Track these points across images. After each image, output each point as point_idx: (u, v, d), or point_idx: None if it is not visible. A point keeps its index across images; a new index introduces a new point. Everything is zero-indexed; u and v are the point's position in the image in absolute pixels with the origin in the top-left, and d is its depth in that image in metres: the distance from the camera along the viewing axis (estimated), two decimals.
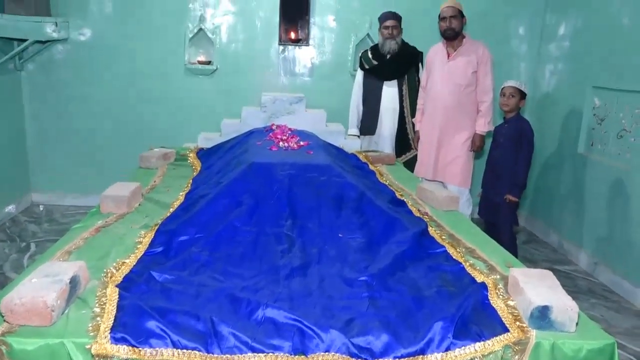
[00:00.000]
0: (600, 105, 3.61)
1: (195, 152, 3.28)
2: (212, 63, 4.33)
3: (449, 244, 2.00)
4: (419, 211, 2.36)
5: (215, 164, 2.84)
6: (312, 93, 4.22)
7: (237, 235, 1.95)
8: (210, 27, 4.29)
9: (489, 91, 3.46)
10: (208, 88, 4.39)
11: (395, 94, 3.85)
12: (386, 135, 3.90)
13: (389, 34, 3.76)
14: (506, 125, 3.31)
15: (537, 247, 4.10)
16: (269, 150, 2.69)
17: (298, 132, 3.14)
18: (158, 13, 4.22)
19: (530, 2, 4.40)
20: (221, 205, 2.10)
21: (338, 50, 4.42)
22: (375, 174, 2.98)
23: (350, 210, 2.18)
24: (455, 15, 3.38)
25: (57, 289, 1.38)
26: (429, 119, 3.60)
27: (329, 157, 2.62)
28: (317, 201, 2.19)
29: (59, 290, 1.38)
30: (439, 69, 3.52)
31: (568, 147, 3.91)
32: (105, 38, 4.24)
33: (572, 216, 3.84)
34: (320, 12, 4.35)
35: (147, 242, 1.87)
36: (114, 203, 2.22)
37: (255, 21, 4.33)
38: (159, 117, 4.39)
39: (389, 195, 2.49)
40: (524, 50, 4.50)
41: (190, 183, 2.61)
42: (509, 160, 3.24)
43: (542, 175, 4.29)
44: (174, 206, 2.24)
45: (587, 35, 3.80)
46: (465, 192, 3.58)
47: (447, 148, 3.55)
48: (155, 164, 3.03)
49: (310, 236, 1.99)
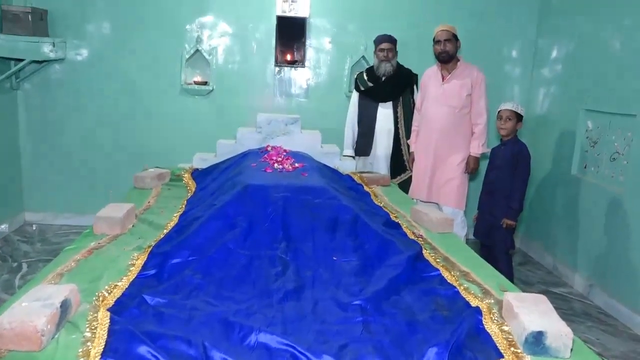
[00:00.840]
0: (592, 128, 3.65)
1: (190, 172, 3.28)
2: (209, 84, 4.36)
3: (443, 267, 2.00)
4: (413, 234, 2.36)
5: (209, 185, 2.84)
6: (308, 114, 4.25)
7: (231, 258, 1.95)
8: (207, 48, 4.33)
9: (483, 113, 3.49)
10: (204, 108, 4.41)
11: (390, 115, 3.89)
12: (381, 156, 3.92)
13: (384, 56, 3.80)
14: (503, 147, 3.33)
15: (532, 269, 4.09)
16: (264, 172, 2.70)
17: (293, 153, 3.15)
18: (155, 34, 4.27)
19: (522, 27, 4.47)
20: (215, 228, 2.10)
21: (333, 72, 4.47)
22: (370, 195, 2.99)
23: (344, 233, 2.18)
24: (449, 39, 3.43)
25: (48, 313, 1.37)
26: (424, 141, 3.63)
27: (324, 179, 2.63)
28: (311, 224, 2.19)
29: (49, 315, 1.36)
30: (434, 91, 3.56)
31: (562, 169, 3.94)
32: (102, 58, 4.27)
33: (567, 238, 3.85)
34: (317, 34, 4.41)
35: (140, 265, 1.86)
36: (108, 224, 2.21)
37: (251, 43, 4.37)
38: (154, 137, 4.40)
39: (383, 218, 2.50)
40: (517, 74, 4.56)
41: (184, 204, 2.60)
42: (505, 182, 3.26)
43: (537, 196, 4.32)
44: (167, 228, 2.24)
45: (579, 59, 3.86)
46: (459, 214, 3.59)
47: (442, 169, 3.57)
48: (149, 184, 3.02)
49: (304, 259, 1.99)
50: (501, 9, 4.43)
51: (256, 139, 3.52)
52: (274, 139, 3.53)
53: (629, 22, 3.31)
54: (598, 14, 3.63)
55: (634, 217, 3.15)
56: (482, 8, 4.41)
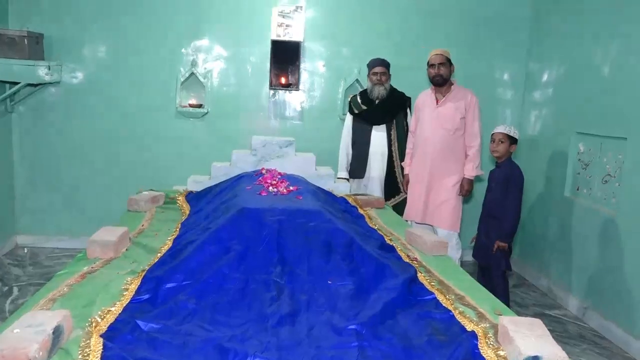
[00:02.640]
0: (584, 151, 3.70)
1: (185, 195, 3.28)
2: (203, 106, 4.39)
3: (438, 290, 2.00)
4: (408, 257, 2.37)
5: (204, 208, 2.84)
6: (302, 137, 4.28)
7: (226, 283, 1.94)
8: (202, 71, 4.37)
9: (477, 136, 3.52)
10: (199, 131, 4.43)
11: (383, 138, 3.92)
12: (375, 178, 3.94)
13: (377, 80, 3.85)
14: (497, 170, 3.36)
15: (527, 291, 4.09)
16: (259, 195, 2.70)
17: (287, 176, 3.16)
18: (151, 57, 4.31)
19: (514, 52, 4.56)
20: (209, 252, 2.09)
21: (328, 95, 4.52)
22: (365, 218, 2.99)
23: (339, 256, 2.18)
24: (443, 63, 3.48)
25: (40, 340, 1.35)
26: (419, 163, 3.66)
27: (319, 202, 2.64)
28: (306, 247, 2.19)
29: (41, 342, 1.35)
30: (428, 114, 3.60)
31: (555, 191, 3.98)
32: (98, 81, 4.30)
33: (561, 260, 3.86)
34: (311, 58, 4.47)
35: (134, 290, 1.85)
36: (101, 248, 2.20)
37: (246, 66, 4.42)
38: (148, 160, 4.40)
39: (378, 241, 2.50)
40: (509, 97, 4.63)
41: (178, 227, 2.59)
42: (499, 204, 3.28)
43: (531, 218, 4.34)
44: (161, 251, 2.23)
45: (569, 83, 3.93)
46: (454, 236, 3.60)
47: (437, 191, 3.59)
48: (143, 207, 3.02)
49: (299, 283, 1.99)
50: (493, 34, 4.51)
51: (251, 161, 3.54)
52: (268, 162, 3.54)
53: (618, 46, 3.38)
54: (588, 38, 3.70)
55: (627, 239, 3.17)
56: (475, 33, 4.50)
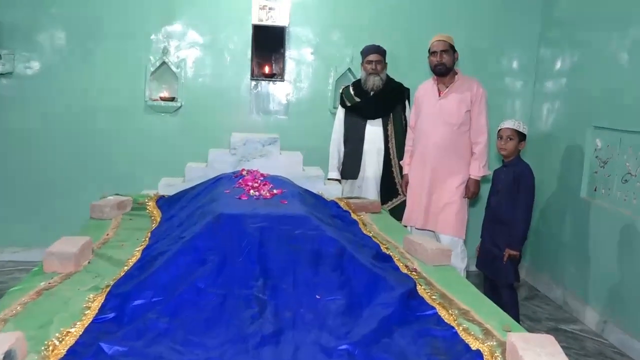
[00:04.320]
0: (602, 147, 3.74)
1: (155, 200, 3.28)
2: (176, 99, 4.39)
3: (440, 304, 2.01)
4: (406, 267, 2.38)
5: (177, 214, 2.84)
6: (288, 133, 4.29)
7: (201, 299, 1.94)
8: (174, 60, 4.37)
9: (484, 132, 3.54)
10: (171, 127, 4.43)
11: (379, 133, 3.94)
12: (370, 179, 3.96)
13: (372, 69, 3.87)
14: (504, 169, 3.38)
15: (540, 304, 4.13)
16: (238, 199, 2.70)
17: (271, 178, 3.17)
18: (116, 44, 4.30)
19: (523, 37, 4.61)
20: (183, 264, 2.09)
21: (316, 86, 4.53)
22: (358, 224, 3.01)
23: (329, 267, 2.19)
24: (446, 50, 3.49)
25: None
26: (419, 162, 3.67)
27: (306, 207, 2.65)
28: (291, 258, 2.19)
29: None
30: (430, 107, 3.61)
31: (569, 192, 4.02)
32: (56, 72, 4.28)
33: (577, 269, 3.90)
34: (297, 44, 4.48)
35: (97, 307, 1.84)
36: (60, 261, 2.19)
37: (224, 54, 4.42)
38: (114, 160, 4.39)
39: (373, 250, 2.51)
40: (518, 87, 4.68)
41: (148, 237, 2.59)
42: (507, 208, 3.29)
43: (543, 222, 4.38)
44: (128, 264, 2.23)
45: (585, 72, 3.98)
46: (459, 243, 3.62)
47: (439, 194, 3.60)
48: (108, 214, 3.01)
49: (283, 298, 1.99)
50: (500, 17, 4.56)
51: (230, 161, 3.54)
52: (249, 162, 3.55)
53: (637, 31, 3.43)
54: (604, 22, 3.75)
55: None
56: (480, 16, 4.54)
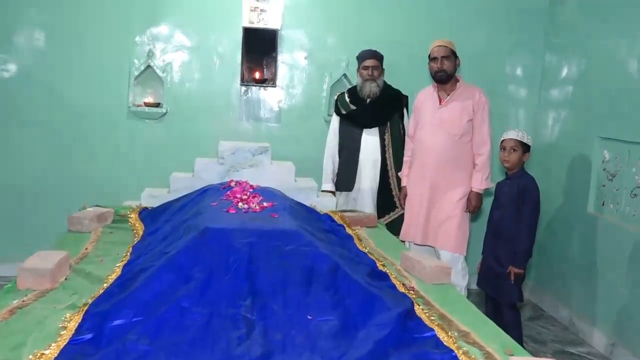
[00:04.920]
0: (610, 159, 3.77)
1: (138, 212, 3.27)
2: (162, 105, 4.39)
3: (438, 326, 2.01)
4: (403, 285, 2.38)
5: (161, 228, 2.83)
6: (280, 142, 4.30)
7: (185, 319, 1.93)
8: (160, 63, 4.37)
9: (487, 142, 3.55)
10: (155, 135, 4.43)
11: (376, 143, 3.95)
12: (366, 191, 3.97)
13: (368, 74, 3.89)
14: (508, 182, 3.40)
15: (545, 325, 4.13)
16: (226, 212, 2.71)
17: (261, 190, 3.17)
18: (98, 47, 4.30)
19: (527, 41, 4.65)
20: (166, 281, 2.09)
21: (310, 93, 4.55)
22: (353, 239, 3.01)
23: (321, 286, 2.19)
24: (447, 56, 3.50)
25: None
26: (418, 173, 3.68)
27: (297, 221, 2.65)
28: (282, 276, 2.19)
29: None
30: (430, 116, 3.62)
31: (576, 207, 4.04)
32: (34, 75, 4.27)
33: (584, 287, 3.91)
34: (290, 48, 4.50)
35: (74, 328, 1.83)
36: (34, 277, 2.18)
37: (213, 58, 4.43)
38: (94, 169, 4.38)
39: (368, 267, 2.51)
40: (522, 96, 4.72)
41: (129, 252, 2.59)
42: (511, 222, 3.31)
43: (548, 239, 4.39)
44: (108, 281, 2.22)
45: (592, 79, 4.01)
46: (460, 260, 3.62)
47: (439, 207, 3.61)
48: (87, 227, 3.00)
49: (273, 319, 1.99)
50: (504, 22, 4.61)
51: (217, 171, 3.54)
52: (238, 172, 3.54)
53: None
54: (613, 27, 3.79)
55: None
56: (483, 20, 4.59)
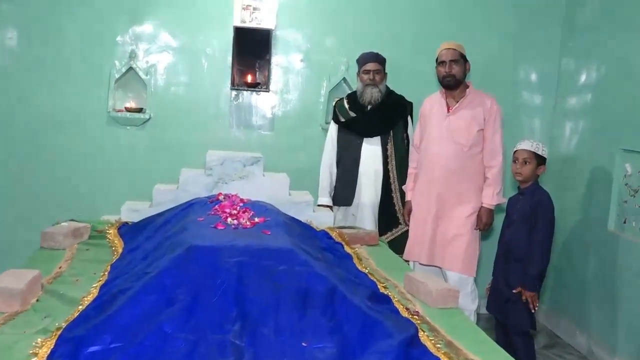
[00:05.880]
0: (632, 173, 3.79)
1: (117, 228, 3.27)
2: (144, 111, 4.40)
3: (445, 354, 2.02)
4: (407, 310, 2.39)
5: (142, 245, 2.83)
6: (273, 152, 4.32)
7: (168, 345, 1.93)
8: (143, 65, 4.39)
9: (499, 154, 3.56)
10: (137, 143, 4.44)
11: (378, 154, 3.97)
12: (367, 206, 3.98)
13: (370, 79, 3.91)
14: (521, 197, 3.41)
15: (561, 353, 4.14)
16: (214, 229, 2.71)
17: (252, 204, 3.18)
18: (75, 47, 4.31)
19: (542, 44, 4.70)
20: (147, 304, 2.09)
21: (306, 98, 4.57)
22: (352, 258, 3.02)
23: (317, 310, 2.19)
24: (456, 60, 3.53)
25: None
26: (424, 187, 3.69)
27: (292, 239, 2.66)
28: (274, 298, 2.19)
29: None
30: (437, 124, 3.64)
31: (595, 224, 4.05)
32: (4, 77, 4.28)
33: (604, 312, 3.91)
34: (285, 50, 4.52)
35: (45, 354, 1.83)
36: (3, 299, 2.18)
37: (201, 60, 4.46)
38: (70, 180, 4.38)
39: (369, 289, 2.52)
40: (537, 103, 4.76)
41: (107, 271, 2.59)
42: (523, 241, 3.32)
43: (564, 259, 4.40)
44: (84, 303, 2.22)
45: (613, 86, 4.03)
46: (469, 282, 3.62)
47: (447, 224, 3.62)
48: (62, 244, 3.00)
49: (264, 346, 1.99)
50: (517, 23, 4.65)
51: (205, 183, 3.55)
52: (228, 184, 3.55)
53: None
54: (636, 29, 3.81)
55: None
56: (494, 22, 4.63)
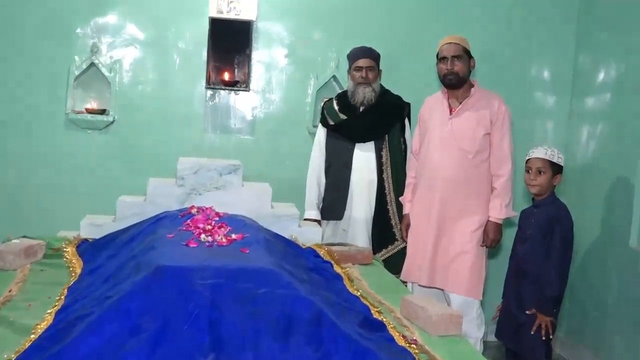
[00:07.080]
0: None
1: (76, 245, 3.24)
2: (107, 112, 4.39)
3: None
4: (404, 338, 2.38)
5: (103, 265, 2.81)
6: (254, 159, 4.32)
7: None
8: (106, 61, 4.39)
9: (508, 161, 3.56)
10: (99, 148, 4.43)
11: (371, 161, 3.97)
12: (359, 220, 3.98)
13: (362, 77, 3.92)
14: (536, 210, 3.42)
15: None
16: (185, 247, 2.69)
17: (229, 218, 3.16)
18: (30, 38, 4.31)
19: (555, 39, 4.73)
20: (109, 333, 2.06)
21: (291, 98, 4.58)
22: (343, 279, 3.00)
23: (302, 338, 2.18)
24: (459, 56, 3.54)
25: None
26: (424, 198, 3.69)
27: (274, 258, 2.64)
28: (253, 326, 2.18)
29: None
30: (438, 128, 3.64)
31: (616, 240, 4.06)
32: None
33: (627, 340, 3.92)
34: (267, 44, 4.53)
35: None
36: None
37: (172, 55, 4.46)
38: (22, 191, 4.37)
39: (360, 314, 2.50)
40: (551, 105, 4.78)
41: (64, 295, 2.56)
42: (538, 260, 3.33)
43: (583, 279, 4.41)
44: (37, 332, 2.19)
45: (635, 85, 4.05)
46: (474, 306, 3.62)
47: (450, 240, 3.62)
48: (12, 264, 2.97)
49: None
50: (527, 16, 4.68)
51: (175, 195, 3.53)
52: (202, 196, 3.54)
53: None
54: None
55: None
56: (502, 14, 4.66)
